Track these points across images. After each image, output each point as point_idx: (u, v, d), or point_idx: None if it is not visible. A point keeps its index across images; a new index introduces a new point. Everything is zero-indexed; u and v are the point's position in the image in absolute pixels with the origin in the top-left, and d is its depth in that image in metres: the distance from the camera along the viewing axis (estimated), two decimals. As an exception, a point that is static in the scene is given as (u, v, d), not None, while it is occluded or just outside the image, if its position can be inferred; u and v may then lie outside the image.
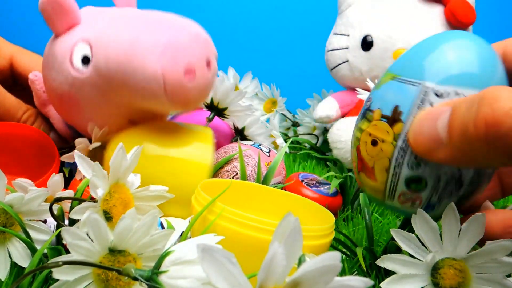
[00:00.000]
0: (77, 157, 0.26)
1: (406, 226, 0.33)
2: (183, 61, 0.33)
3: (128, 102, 0.36)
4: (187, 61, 0.33)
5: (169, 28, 0.34)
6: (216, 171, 0.42)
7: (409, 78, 0.25)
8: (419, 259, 0.26)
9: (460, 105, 0.22)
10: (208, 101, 0.48)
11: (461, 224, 0.25)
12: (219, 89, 0.46)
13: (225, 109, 0.49)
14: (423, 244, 0.26)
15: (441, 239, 0.25)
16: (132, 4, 0.42)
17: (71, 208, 0.27)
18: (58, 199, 0.28)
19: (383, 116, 0.26)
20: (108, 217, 0.26)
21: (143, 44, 0.33)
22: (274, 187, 0.42)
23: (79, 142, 0.39)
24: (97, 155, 0.40)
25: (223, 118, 0.50)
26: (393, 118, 0.25)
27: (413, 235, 0.26)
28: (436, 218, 0.27)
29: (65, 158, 0.39)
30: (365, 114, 0.27)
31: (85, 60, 0.35)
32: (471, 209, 0.28)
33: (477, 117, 0.20)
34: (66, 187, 0.35)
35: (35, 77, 0.41)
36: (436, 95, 0.24)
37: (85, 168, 0.26)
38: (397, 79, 0.26)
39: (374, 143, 0.26)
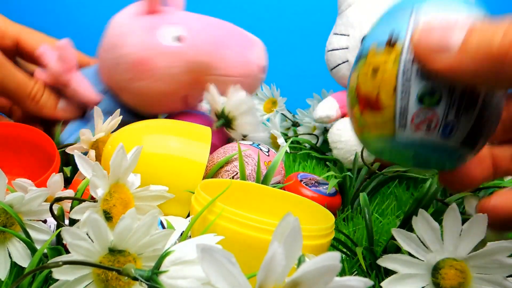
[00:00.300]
0: (77, 157, 0.26)
1: (406, 225, 0.33)
2: (264, 61, 0.49)
3: (199, 78, 0.46)
4: (262, 63, 0.49)
5: (252, 37, 0.50)
6: (216, 171, 0.42)
7: (397, 10, 0.25)
8: (420, 259, 0.26)
9: (484, 25, 0.21)
10: (220, 109, 0.47)
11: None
12: (232, 98, 0.46)
13: (234, 120, 0.48)
14: (423, 244, 0.26)
15: (442, 239, 0.26)
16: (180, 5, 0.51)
17: (72, 208, 0.27)
18: (58, 199, 0.28)
19: (379, 46, 0.25)
20: (108, 217, 0.26)
21: (238, 39, 0.48)
22: (274, 187, 0.42)
23: (83, 133, 0.40)
24: (99, 146, 0.41)
25: (229, 130, 0.49)
26: (390, 43, 0.24)
27: (414, 234, 0.26)
28: (456, 146, 0.24)
29: (70, 149, 0.41)
30: (360, 56, 0.27)
31: (178, 39, 0.45)
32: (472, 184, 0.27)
33: (506, 38, 0.19)
34: (66, 186, 0.35)
35: (44, 49, 0.46)
36: (427, 15, 0.24)
37: (85, 168, 0.26)
38: (385, 16, 0.26)
39: (375, 71, 0.25)
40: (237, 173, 0.42)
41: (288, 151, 0.66)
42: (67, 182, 0.41)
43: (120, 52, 0.45)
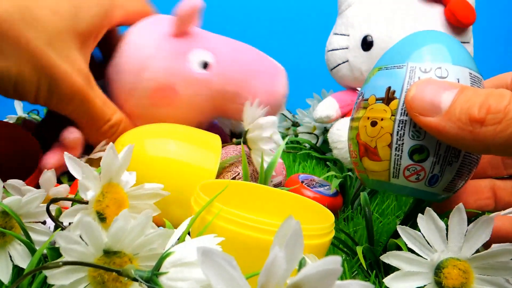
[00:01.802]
0: (67, 158, 0.26)
1: (406, 224, 0.33)
2: (287, 89, 0.48)
3: (223, 107, 0.45)
4: (287, 90, 0.48)
5: (277, 64, 0.49)
6: (218, 172, 0.42)
7: (395, 64, 0.29)
8: (424, 257, 0.26)
9: (468, 88, 0.24)
10: (245, 128, 0.44)
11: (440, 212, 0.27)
12: (253, 131, 0.42)
13: (251, 140, 0.44)
14: (428, 243, 0.26)
15: (447, 239, 0.26)
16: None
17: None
18: (55, 200, 0.28)
19: (377, 99, 0.28)
20: (102, 218, 0.26)
21: (265, 67, 0.47)
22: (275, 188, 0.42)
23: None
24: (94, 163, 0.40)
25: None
26: (388, 98, 0.28)
27: (419, 233, 0.26)
28: (439, 192, 0.28)
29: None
30: (359, 106, 0.30)
31: (204, 65, 0.43)
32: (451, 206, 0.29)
33: (484, 102, 0.22)
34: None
35: (71, 133, 0.40)
36: (422, 71, 0.27)
37: (75, 169, 0.26)
38: (384, 68, 0.29)
39: (374, 124, 0.28)
40: (238, 174, 0.42)
41: (285, 149, 0.66)
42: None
43: (142, 76, 0.42)
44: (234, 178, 0.41)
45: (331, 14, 0.67)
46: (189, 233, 0.27)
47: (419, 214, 0.26)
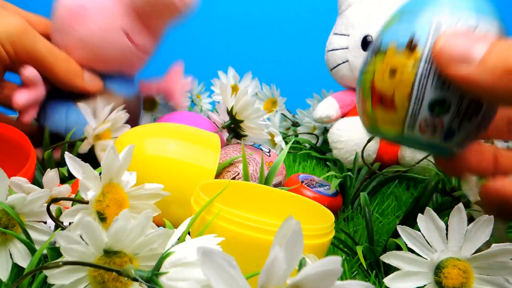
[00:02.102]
0: (67, 158, 0.26)
1: (406, 223, 0.33)
2: None
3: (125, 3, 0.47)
4: None
5: None
6: (218, 172, 0.42)
7: (420, 9, 0.26)
8: (424, 257, 0.26)
9: (501, 40, 0.22)
10: (229, 108, 0.47)
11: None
12: (239, 100, 0.46)
13: (242, 122, 0.48)
14: (428, 243, 0.26)
15: (447, 238, 0.26)
16: None
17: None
18: (55, 200, 0.28)
19: (398, 47, 0.26)
20: (102, 218, 0.26)
21: None
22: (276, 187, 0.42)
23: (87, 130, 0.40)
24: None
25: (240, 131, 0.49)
26: (411, 46, 0.26)
27: (419, 232, 0.26)
28: (452, 147, 0.27)
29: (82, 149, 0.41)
30: (377, 50, 0.28)
31: None
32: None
33: None
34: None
35: (27, 70, 0.45)
36: (450, 20, 0.25)
37: (76, 169, 0.26)
38: (407, 13, 0.27)
39: (393, 72, 0.26)
40: (238, 174, 0.42)
41: (285, 148, 0.66)
42: (63, 182, 0.41)
43: (58, 9, 0.49)
44: (234, 178, 0.41)
45: (331, 14, 0.67)
46: (189, 233, 0.27)
47: (419, 214, 0.26)
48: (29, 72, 0.44)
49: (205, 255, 0.12)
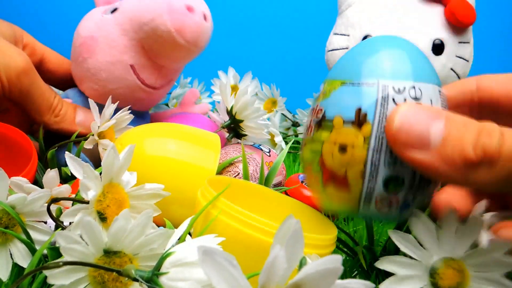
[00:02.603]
0: (68, 158, 0.26)
1: (401, 227, 0.33)
2: (187, 1, 0.45)
3: (141, 41, 0.47)
4: (188, 2, 0.45)
5: None
6: (218, 172, 0.42)
7: (362, 80, 0.25)
8: (417, 260, 0.26)
9: (454, 118, 0.22)
10: (229, 108, 0.47)
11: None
12: (239, 100, 0.46)
13: (242, 121, 0.47)
14: (421, 245, 0.26)
15: (438, 239, 0.26)
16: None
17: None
18: (56, 200, 0.28)
19: (346, 122, 0.25)
20: (102, 217, 0.26)
21: None
22: (275, 188, 0.42)
23: (92, 126, 0.41)
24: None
25: (240, 130, 0.49)
26: (359, 121, 0.25)
27: (410, 236, 0.26)
28: (408, 216, 0.26)
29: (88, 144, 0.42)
30: (320, 124, 0.26)
31: (113, 11, 0.48)
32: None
33: (477, 140, 0.21)
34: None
35: None
36: (396, 91, 0.24)
37: (76, 169, 0.26)
38: (349, 84, 0.26)
39: (343, 150, 0.25)
40: (238, 174, 0.42)
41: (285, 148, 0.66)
42: (65, 181, 0.41)
43: (75, 38, 0.49)
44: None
45: (331, 14, 0.67)
46: (189, 233, 0.27)
47: (410, 218, 0.26)
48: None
49: (206, 254, 0.12)
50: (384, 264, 0.26)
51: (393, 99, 0.24)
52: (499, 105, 0.27)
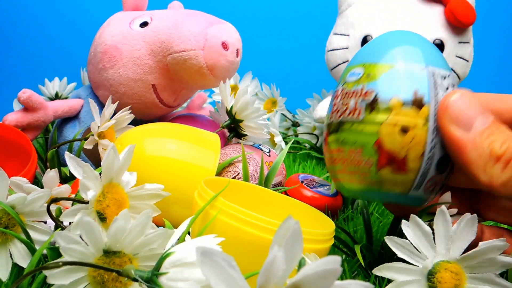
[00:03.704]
0: (68, 158, 0.26)
1: (395, 231, 0.33)
2: (224, 36, 0.45)
3: (166, 64, 0.46)
4: (225, 38, 0.45)
5: (217, 19, 0.48)
6: (217, 172, 0.42)
7: (414, 64, 0.26)
8: (415, 265, 0.26)
9: (497, 122, 0.25)
10: (228, 108, 0.47)
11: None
12: (239, 99, 0.46)
13: (241, 121, 0.47)
14: (417, 249, 0.26)
15: (434, 243, 0.25)
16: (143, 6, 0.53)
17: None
18: (55, 200, 0.28)
19: (404, 103, 0.26)
20: (102, 218, 0.26)
21: (192, 19, 0.46)
22: (276, 189, 0.42)
23: (93, 127, 0.41)
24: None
25: (240, 130, 0.49)
26: (417, 102, 0.26)
27: (407, 241, 0.26)
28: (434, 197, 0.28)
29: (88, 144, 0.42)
30: (373, 106, 0.26)
31: (143, 25, 0.48)
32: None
33: (506, 141, 0.24)
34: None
35: (24, 93, 0.45)
36: (441, 77, 0.26)
37: (76, 169, 0.26)
38: (401, 67, 0.27)
39: (404, 131, 0.25)
40: (238, 174, 0.42)
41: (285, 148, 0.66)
42: (65, 181, 0.41)
43: (98, 41, 0.48)
44: (234, 178, 0.41)
45: (331, 14, 0.67)
46: (189, 233, 0.27)
47: (403, 221, 0.26)
48: (26, 96, 0.44)
49: (204, 255, 0.12)
50: (382, 271, 0.26)
51: (442, 85, 0.26)
52: None
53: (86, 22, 0.91)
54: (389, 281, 0.27)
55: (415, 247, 0.26)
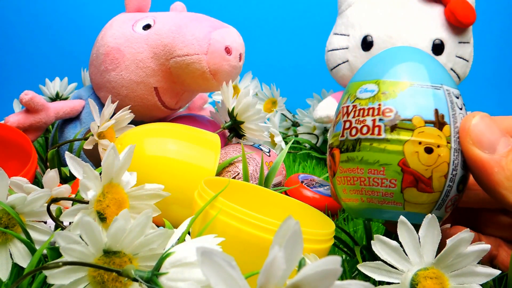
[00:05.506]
0: (68, 158, 0.26)
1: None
2: (227, 41, 0.45)
3: (168, 67, 0.46)
4: (229, 43, 0.45)
5: (221, 23, 0.48)
6: (217, 172, 0.42)
7: (431, 83, 0.27)
8: (395, 282, 0.25)
9: None
10: (230, 109, 0.47)
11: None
12: (241, 101, 0.45)
13: (242, 123, 0.47)
14: (392, 266, 0.25)
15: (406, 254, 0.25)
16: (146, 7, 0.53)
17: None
18: (56, 200, 0.28)
19: (427, 122, 0.26)
20: (102, 218, 0.26)
21: (196, 22, 0.46)
22: (276, 189, 0.42)
23: (92, 127, 0.41)
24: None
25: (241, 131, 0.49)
26: (439, 122, 0.26)
27: (379, 262, 0.25)
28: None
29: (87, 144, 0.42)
30: (395, 125, 0.26)
31: (146, 27, 0.47)
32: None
33: None
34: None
35: (26, 95, 0.45)
36: (455, 96, 0.27)
37: (76, 169, 0.26)
38: (417, 85, 0.26)
39: (429, 150, 0.25)
40: (238, 174, 0.42)
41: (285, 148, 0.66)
42: (65, 181, 0.41)
43: (100, 43, 0.48)
44: (234, 178, 0.41)
45: (331, 14, 0.67)
46: (189, 233, 0.27)
47: (372, 242, 0.25)
48: (28, 97, 0.44)
49: (204, 255, 0.12)
50: (364, 268, 0.25)
51: (457, 104, 0.27)
52: None
53: (87, 22, 0.91)
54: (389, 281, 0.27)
55: (389, 265, 0.25)
